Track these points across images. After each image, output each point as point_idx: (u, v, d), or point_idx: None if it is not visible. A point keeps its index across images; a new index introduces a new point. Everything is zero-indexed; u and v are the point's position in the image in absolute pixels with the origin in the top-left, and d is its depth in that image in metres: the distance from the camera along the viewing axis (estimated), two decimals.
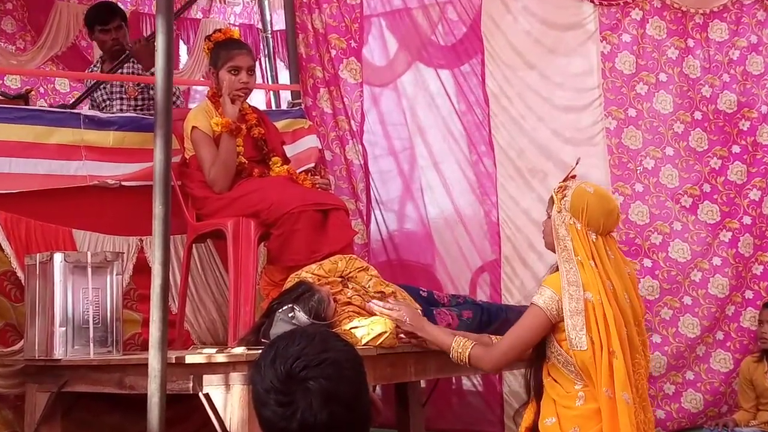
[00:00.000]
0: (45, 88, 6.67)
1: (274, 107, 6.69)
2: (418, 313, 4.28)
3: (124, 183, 5.20)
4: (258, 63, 6.83)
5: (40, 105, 6.35)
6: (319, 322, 4.14)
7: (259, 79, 6.62)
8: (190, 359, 3.98)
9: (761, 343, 5.83)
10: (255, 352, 3.81)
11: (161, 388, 3.69)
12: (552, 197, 3.70)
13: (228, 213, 4.84)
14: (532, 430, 3.69)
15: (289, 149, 5.60)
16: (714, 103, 6.00)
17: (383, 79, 6.39)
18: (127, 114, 5.70)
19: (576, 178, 3.73)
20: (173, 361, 3.88)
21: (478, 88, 6.19)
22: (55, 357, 4.41)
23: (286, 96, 6.50)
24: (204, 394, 3.88)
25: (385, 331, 4.14)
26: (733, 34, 6.00)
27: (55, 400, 4.51)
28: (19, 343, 4.73)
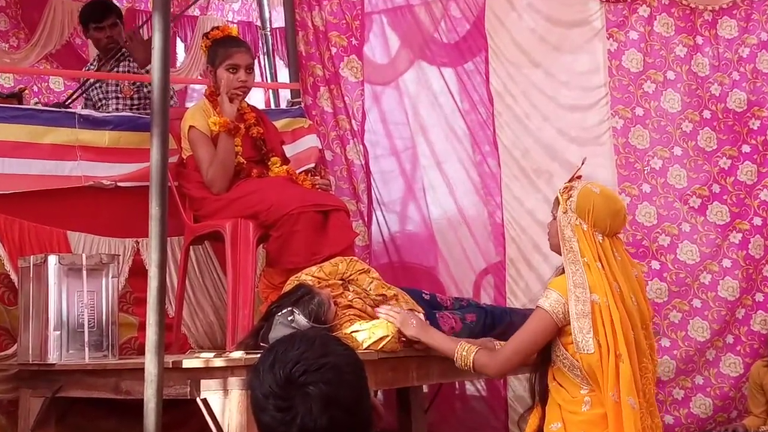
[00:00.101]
0: (39, 86, 6.69)
1: (273, 106, 6.70)
2: (421, 319, 4.27)
3: (119, 183, 5.19)
4: (257, 61, 6.82)
5: (34, 104, 6.31)
6: (319, 325, 4.13)
7: (258, 78, 6.62)
8: (187, 364, 3.97)
9: None
10: (254, 356, 3.80)
11: (158, 393, 3.68)
12: (557, 198, 3.67)
13: (226, 214, 4.84)
14: None
15: (288, 149, 5.60)
16: (723, 101, 5.97)
17: (385, 78, 6.40)
18: (123, 113, 5.70)
19: (582, 178, 3.71)
20: (170, 365, 3.89)
21: (482, 87, 6.18)
22: (50, 361, 4.40)
23: (285, 95, 6.50)
24: (201, 400, 3.88)
25: (387, 335, 4.14)
26: (743, 31, 5.97)
27: (49, 405, 4.52)
28: (13, 347, 4.73)
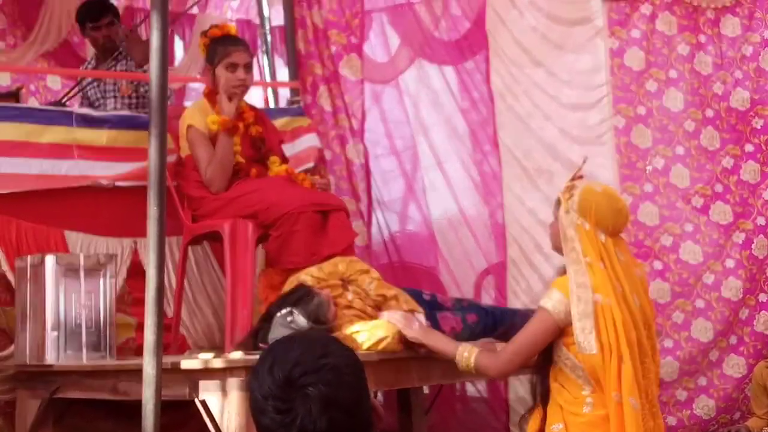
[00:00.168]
0: (36, 85, 6.67)
1: (272, 105, 6.72)
2: (422, 321, 4.28)
3: (117, 183, 5.20)
4: (256, 59, 6.80)
5: (31, 103, 6.31)
6: (318, 326, 4.14)
7: (257, 76, 6.61)
8: (186, 365, 3.99)
9: None
10: (253, 357, 3.81)
11: (156, 394, 3.68)
12: (558, 198, 3.67)
13: (225, 214, 4.85)
14: None
15: (288, 148, 5.61)
16: (726, 100, 5.93)
17: (385, 76, 6.40)
18: (120, 112, 5.69)
19: (583, 177, 3.71)
20: (169, 366, 3.90)
21: (483, 86, 6.16)
22: (47, 362, 4.42)
23: (284, 93, 6.52)
24: (200, 401, 3.89)
25: (387, 336, 4.14)
26: (746, 29, 5.93)
27: (46, 406, 4.52)
28: (10, 348, 4.73)
